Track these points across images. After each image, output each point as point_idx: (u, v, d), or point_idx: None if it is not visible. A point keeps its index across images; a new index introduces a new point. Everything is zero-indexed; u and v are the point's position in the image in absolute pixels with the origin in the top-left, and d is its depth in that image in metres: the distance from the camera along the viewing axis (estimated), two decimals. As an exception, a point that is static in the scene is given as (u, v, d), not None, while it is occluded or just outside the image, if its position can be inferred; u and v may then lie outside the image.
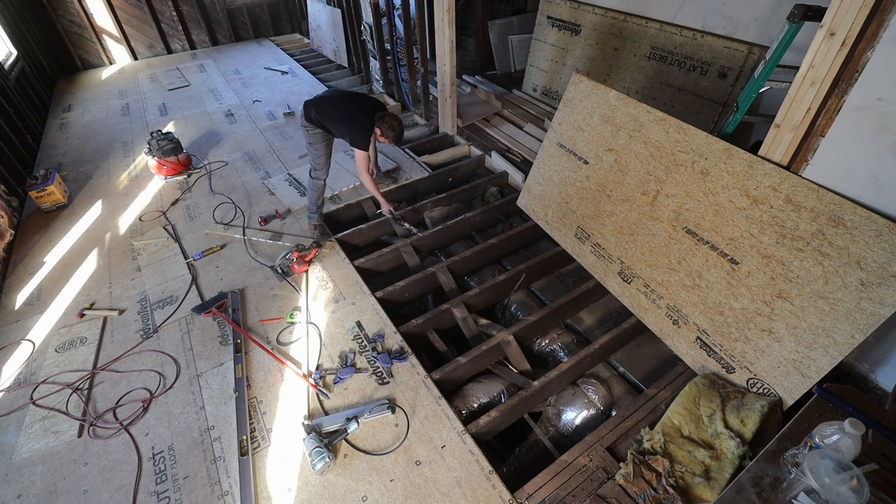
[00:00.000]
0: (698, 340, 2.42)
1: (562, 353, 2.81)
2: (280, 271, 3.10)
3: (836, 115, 1.93)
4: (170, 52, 7.88)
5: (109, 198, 4.12)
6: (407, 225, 3.51)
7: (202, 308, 2.85)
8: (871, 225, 1.86)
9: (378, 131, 3.06)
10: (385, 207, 3.51)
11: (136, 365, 2.61)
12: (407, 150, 4.57)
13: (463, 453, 2.15)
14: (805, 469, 1.46)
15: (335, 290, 3.02)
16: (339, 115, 3.09)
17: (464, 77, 6.02)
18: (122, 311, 2.94)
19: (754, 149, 2.28)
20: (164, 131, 4.30)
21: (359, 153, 3.11)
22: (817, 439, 1.55)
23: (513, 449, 2.55)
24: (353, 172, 4.16)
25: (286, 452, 2.18)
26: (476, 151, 4.59)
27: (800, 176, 2.10)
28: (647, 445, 2.05)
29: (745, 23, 3.53)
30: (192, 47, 8.04)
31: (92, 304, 3.01)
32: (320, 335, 2.74)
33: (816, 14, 2.24)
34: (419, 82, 5.11)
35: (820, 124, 2.00)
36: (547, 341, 2.89)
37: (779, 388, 2.13)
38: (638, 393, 2.55)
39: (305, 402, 2.36)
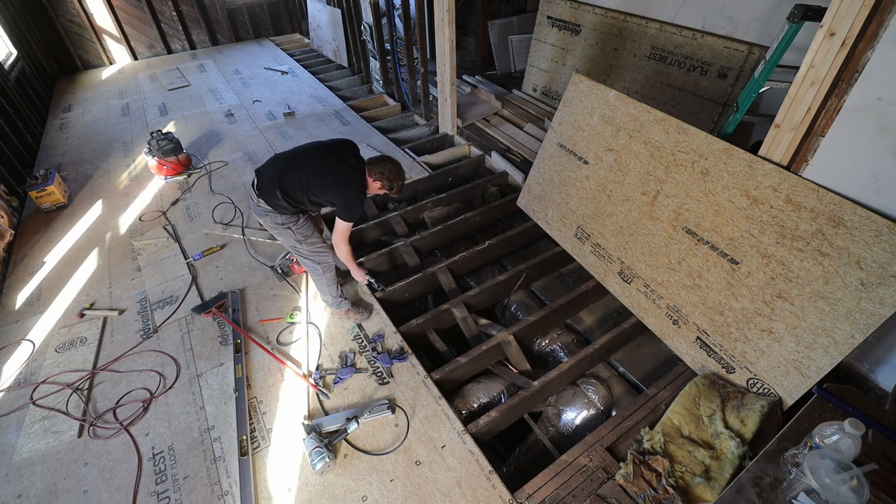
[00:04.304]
0: (698, 340, 2.42)
1: (562, 353, 2.81)
2: (280, 271, 3.10)
3: (836, 115, 1.93)
4: (170, 52, 7.89)
5: (109, 198, 4.12)
6: (381, 287, 2.89)
7: (202, 308, 2.85)
8: (871, 225, 1.86)
9: (376, 184, 2.34)
10: (360, 277, 2.79)
11: (136, 365, 2.60)
12: (407, 150, 4.57)
13: (463, 453, 2.14)
14: (805, 469, 1.46)
15: (335, 290, 3.02)
16: (323, 180, 2.30)
17: (464, 77, 6.02)
18: (122, 311, 2.94)
19: (754, 149, 2.28)
20: (164, 131, 4.30)
21: (345, 225, 2.37)
22: (817, 439, 1.55)
23: (513, 449, 2.55)
24: (353, 172, 4.15)
25: (286, 452, 2.18)
26: (476, 151, 4.59)
27: (800, 176, 2.10)
28: (647, 445, 2.05)
29: (745, 23, 3.53)
30: (192, 47, 8.04)
31: (92, 304, 3.01)
32: (320, 335, 2.74)
33: (816, 14, 2.24)
34: (419, 82, 5.11)
35: (820, 124, 2.00)
36: (547, 341, 2.89)
37: (779, 388, 2.13)
38: (638, 393, 2.55)
39: (305, 402, 2.36)
